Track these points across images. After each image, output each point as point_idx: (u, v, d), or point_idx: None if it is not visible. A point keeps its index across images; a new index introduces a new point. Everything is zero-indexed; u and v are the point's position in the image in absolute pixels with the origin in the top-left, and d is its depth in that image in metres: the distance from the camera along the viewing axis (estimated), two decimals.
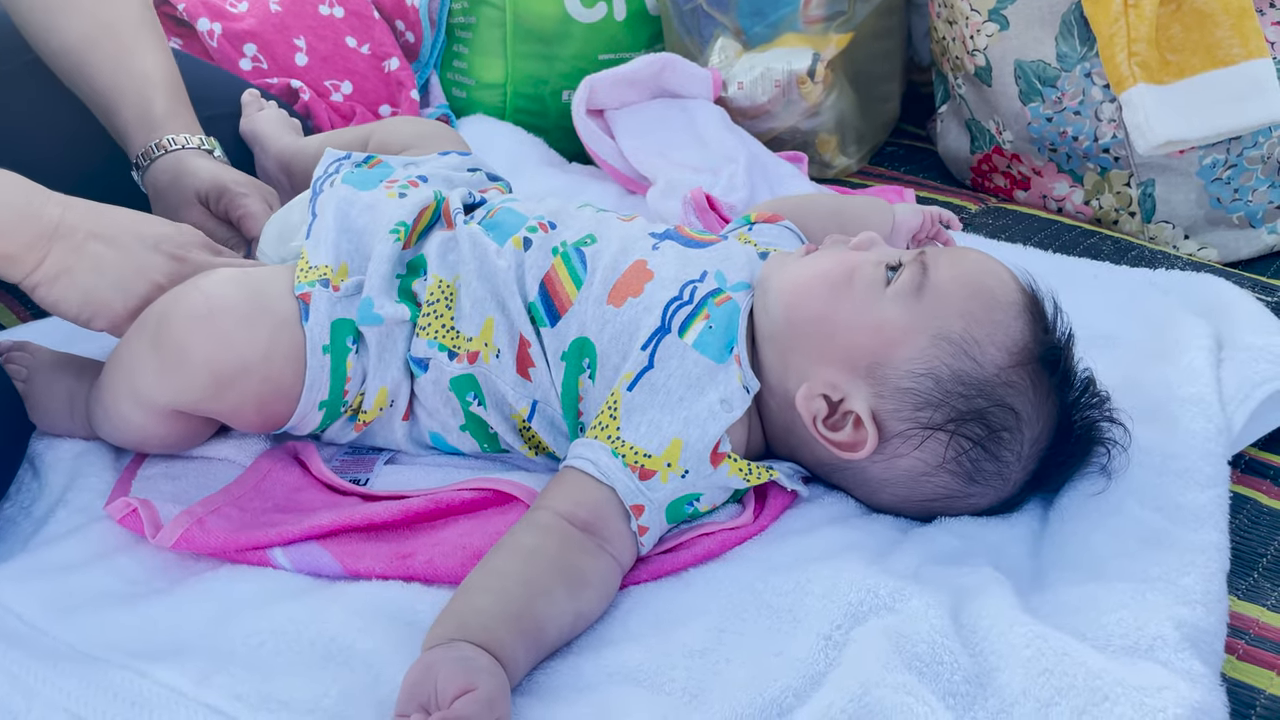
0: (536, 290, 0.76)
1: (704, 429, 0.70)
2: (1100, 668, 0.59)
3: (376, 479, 0.78)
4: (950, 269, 0.73)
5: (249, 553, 0.70)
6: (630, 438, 0.70)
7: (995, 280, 0.73)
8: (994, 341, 0.70)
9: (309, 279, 0.75)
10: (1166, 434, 0.77)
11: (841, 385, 0.71)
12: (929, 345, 0.70)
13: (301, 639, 0.63)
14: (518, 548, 0.66)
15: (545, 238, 0.78)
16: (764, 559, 0.70)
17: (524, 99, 1.31)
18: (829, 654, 0.62)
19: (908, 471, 0.72)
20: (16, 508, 0.76)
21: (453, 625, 0.61)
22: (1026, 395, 0.70)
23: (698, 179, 1.12)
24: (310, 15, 1.25)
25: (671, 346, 0.72)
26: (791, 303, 0.73)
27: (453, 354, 0.76)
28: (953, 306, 0.71)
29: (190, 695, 0.59)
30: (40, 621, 0.65)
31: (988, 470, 0.71)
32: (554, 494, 0.69)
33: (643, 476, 0.69)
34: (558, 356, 0.75)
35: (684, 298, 0.74)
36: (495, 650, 0.60)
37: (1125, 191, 1.18)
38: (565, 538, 0.66)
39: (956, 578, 0.68)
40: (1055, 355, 0.72)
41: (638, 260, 0.76)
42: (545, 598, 0.63)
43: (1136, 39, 1.09)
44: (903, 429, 0.71)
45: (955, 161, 1.32)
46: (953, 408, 0.70)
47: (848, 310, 0.72)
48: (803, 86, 1.23)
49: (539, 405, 0.76)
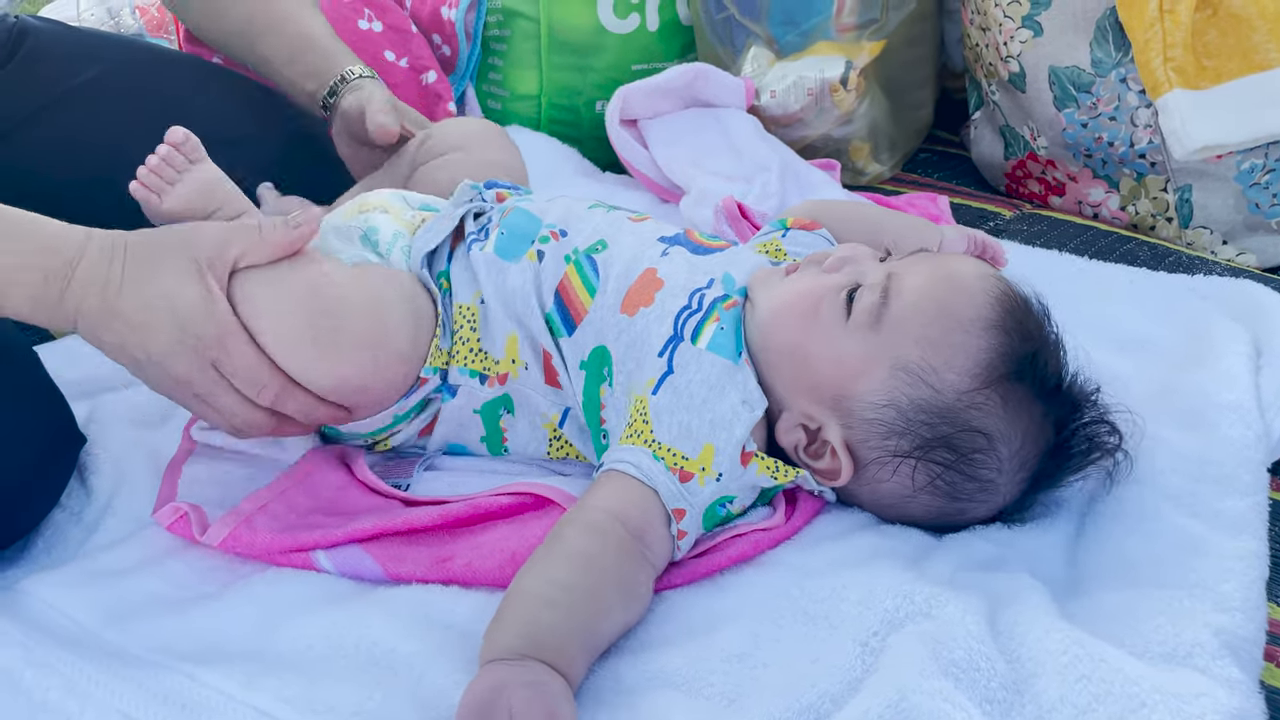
0: (552, 299, 0.77)
1: (731, 431, 0.71)
2: (1138, 674, 0.59)
3: (417, 484, 0.79)
4: (914, 291, 0.72)
5: (292, 555, 0.72)
6: (665, 439, 0.71)
7: (960, 298, 0.71)
8: (952, 366, 0.70)
9: (434, 364, 0.76)
10: (1205, 440, 0.77)
11: (816, 415, 0.72)
12: (888, 376, 0.70)
13: (345, 643, 0.64)
14: (577, 555, 0.65)
15: (557, 246, 0.79)
16: (799, 564, 0.71)
17: (558, 110, 1.32)
18: (866, 660, 0.62)
19: (891, 494, 0.73)
20: (67, 514, 0.77)
21: (522, 638, 0.60)
22: (996, 414, 0.70)
23: (730, 187, 1.13)
24: (350, 30, 1.27)
25: (687, 353, 0.73)
26: (767, 331, 0.74)
27: (484, 378, 0.77)
28: (909, 334, 0.70)
29: (239, 698, 0.61)
30: (94, 626, 0.67)
31: (969, 489, 0.71)
32: (602, 494, 0.69)
33: (682, 479, 0.70)
34: (577, 365, 0.76)
35: (693, 306, 0.75)
36: (567, 671, 0.60)
37: (1162, 197, 1.17)
38: (620, 545, 0.66)
39: (992, 584, 0.68)
40: (1026, 370, 0.71)
41: (648, 269, 0.77)
42: (607, 613, 0.64)
43: (1172, 44, 1.09)
44: (875, 457, 0.71)
45: (989, 168, 1.31)
46: (918, 435, 0.70)
47: (812, 343, 0.72)
48: (835, 94, 1.24)
49: (570, 411, 0.78)
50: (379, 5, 1.31)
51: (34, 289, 0.68)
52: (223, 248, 0.71)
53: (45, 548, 0.75)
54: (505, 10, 1.30)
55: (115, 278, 0.69)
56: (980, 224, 1.19)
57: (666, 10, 1.31)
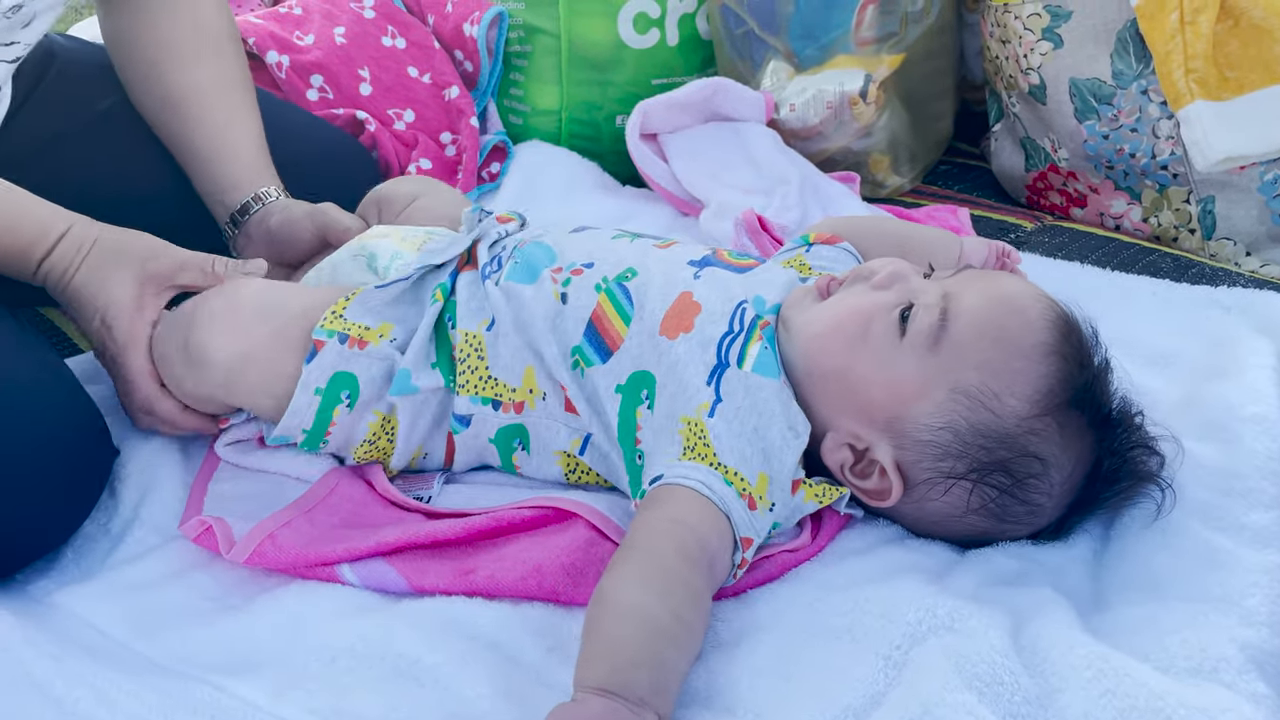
0: (582, 332, 0.76)
1: (782, 461, 0.71)
2: (1163, 689, 0.59)
3: (438, 497, 0.80)
4: (972, 312, 0.71)
5: (318, 569, 0.72)
6: (731, 463, 0.70)
7: (1019, 321, 0.71)
8: (1013, 392, 0.69)
9: (330, 327, 0.78)
10: (1229, 454, 0.77)
11: (865, 436, 0.72)
12: (945, 400, 0.70)
13: (371, 654, 0.65)
14: (688, 589, 0.64)
15: (583, 279, 0.78)
16: (822, 579, 0.71)
17: (578, 124, 1.33)
18: (889, 674, 0.62)
19: (938, 514, 0.72)
20: (95, 525, 0.78)
21: (646, 683, 0.59)
22: (1053, 440, 0.70)
23: (750, 200, 1.13)
24: (374, 46, 1.28)
25: (734, 379, 0.73)
26: (810, 354, 0.73)
27: (497, 404, 0.77)
28: (969, 358, 0.70)
29: (266, 709, 0.61)
30: (122, 637, 0.68)
31: (1018, 512, 0.71)
32: (687, 514, 0.67)
33: (750, 506, 0.69)
34: (611, 390, 0.75)
35: (734, 329, 0.75)
36: (667, 714, 0.60)
37: (1184, 208, 1.17)
38: (706, 579, 0.66)
39: (1016, 598, 0.68)
40: (1083, 398, 0.70)
41: (683, 293, 0.76)
42: (690, 659, 0.64)
43: (1193, 55, 1.08)
44: (926, 478, 0.71)
45: (1010, 180, 1.31)
46: (974, 459, 0.70)
47: (864, 365, 0.71)
48: (855, 107, 1.24)
49: (592, 438, 0.77)
50: (402, 22, 1.32)
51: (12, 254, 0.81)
52: (174, 272, 0.82)
53: (74, 558, 0.76)
54: (526, 26, 1.32)
55: (75, 264, 0.81)
56: (1001, 236, 1.18)
57: (686, 25, 1.32)
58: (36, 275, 0.82)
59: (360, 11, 1.31)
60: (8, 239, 0.81)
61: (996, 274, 0.78)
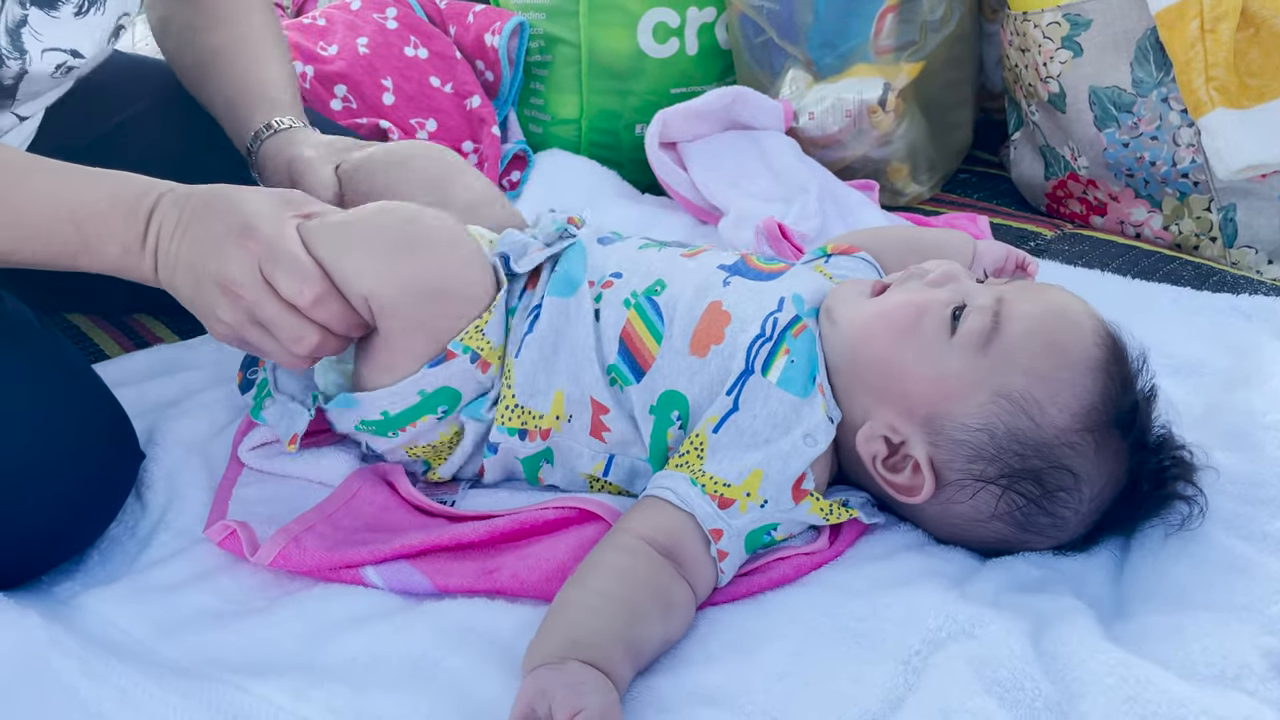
0: (616, 349, 0.76)
1: (786, 463, 0.71)
2: (1185, 696, 0.59)
3: (462, 501, 0.81)
4: (1026, 319, 0.71)
5: (342, 571, 0.73)
6: (711, 470, 0.71)
7: (1072, 333, 0.71)
8: (1056, 402, 0.69)
9: (469, 343, 0.75)
10: (1252, 461, 0.76)
11: (901, 429, 0.72)
12: (988, 401, 0.69)
13: (392, 656, 0.65)
14: (610, 568, 0.67)
15: (613, 292, 0.78)
16: (842, 584, 0.71)
17: (598, 133, 1.34)
18: (908, 679, 0.62)
19: (962, 517, 0.72)
20: (122, 528, 0.79)
21: (561, 642, 0.62)
22: (1087, 457, 0.69)
23: (769, 209, 1.14)
24: (396, 56, 1.30)
25: (756, 388, 0.73)
26: (857, 343, 0.73)
27: (524, 434, 0.77)
28: (1018, 362, 0.69)
29: (288, 709, 0.62)
30: (147, 639, 0.69)
31: (1042, 523, 0.71)
32: (634, 519, 0.70)
33: (722, 505, 0.70)
34: (645, 410, 0.75)
35: (765, 334, 0.74)
36: (606, 667, 0.61)
37: (1205, 216, 1.16)
38: (651, 561, 0.67)
39: (1037, 605, 0.67)
40: (1125, 419, 0.70)
41: (712, 303, 0.76)
42: (644, 619, 0.65)
43: (1214, 63, 1.08)
44: (957, 478, 0.71)
45: (1029, 188, 1.31)
46: (1007, 464, 0.69)
47: (911, 357, 0.71)
48: (874, 116, 1.24)
49: (615, 458, 0.78)
50: (424, 32, 1.33)
51: (120, 228, 0.73)
52: (308, 200, 0.75)
53: (100, 560, 0.76)
54: (547, 37, 1.33)
55: (193, 193, 0.73)
56: (1021, 244, 1.18)
57: (705, 35, 1.33)
58: (148, 233, 0.73)
59: (383, 22, 1.33)
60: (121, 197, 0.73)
61: (1051, 287, 0.78)
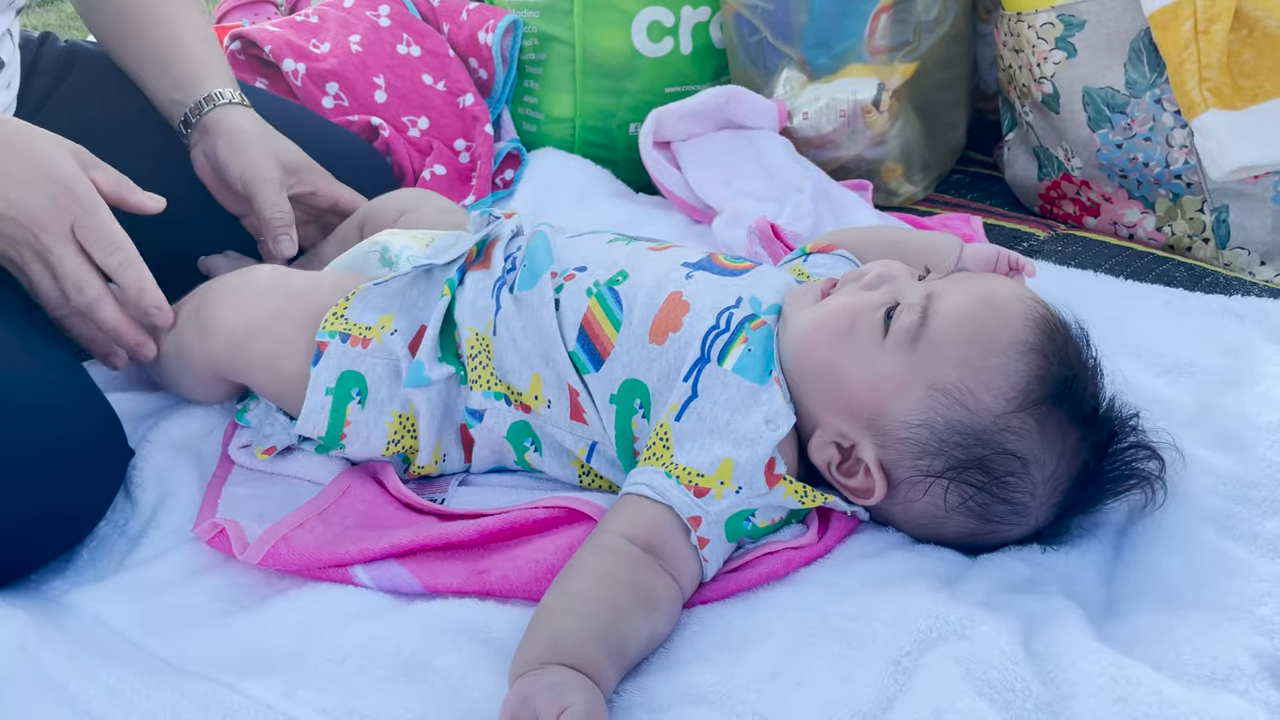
0: (576, 336, 0.77)
1: (753, 449, 0.71)
2: (1176, 696, 0.59)
3: (452, 499, 0.80)
4: (952, 311, 0.71)
5: (331, 570, 0.72)
6: (683, 461, 0.71)
7: (999, 319, 0.71)
8: (989, 389, 0.69)
9: (332, 328, 0.79)
10: (1243, 462, 0.76)
11: (849, 433, 0.72)
12: (923, 396, 0.70)
13: (382, 655, 0.65)
14: (591, 571, 0.67)
15: (575, 283, 0.79)
16: (832, 583, 0.70)
17: (592, 132, 1.34)
18: (899, 680, 0.62)
19: (924, 514, 0.72)
20: (112, 527, 0.79)
21: (542, 648, 0.62)
22: (1031, 437, 0.69)
23: (763, 208, 1.14)
24: (389, 54, 1.29)
25: (713, 375, 0.74)
26: (801, 351, 0.74)
27: (509, 400, 0.79)
28: (947, 355, 0.70)
29: (278, 708, 0.62)
30: (137, 637, 0.69)
31: (1000, 511, 0.71)
32: (613, 518, 0.70)
33: (697, 494, 0.70)
34: (606, 400, 0.76)
35: (720, 325, 0.75)
36: (588, 669, 0.61)
37: (1198, 218, 1.17)
38: (631, 559, 0.67)
39: (1028, 605, 0.67)
40: (1061, 393, 0.70)
41: (672, 293, 0.77)
42: (626, 618, 0.65)
43: (1208, 65, 1.08)
44: (908, 476, 0.71)
45: (1023, 189, 1.31)
46: (951, 456, 0.70)
47: (847, 361, 0.72)
48: (868, 116, 1.24)
49: (597, 446, 0.78)
50: (417, 30, 1.33)
51: None
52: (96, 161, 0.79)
53: (90, 559, 0.76)
54: (541, 35, 1.32)
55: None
56: (1014, 244, 1.18)
57: (700, 34, 1.33)
58: None
59: (376, 20, 1.32)
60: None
61: (985, 275, 0.79)
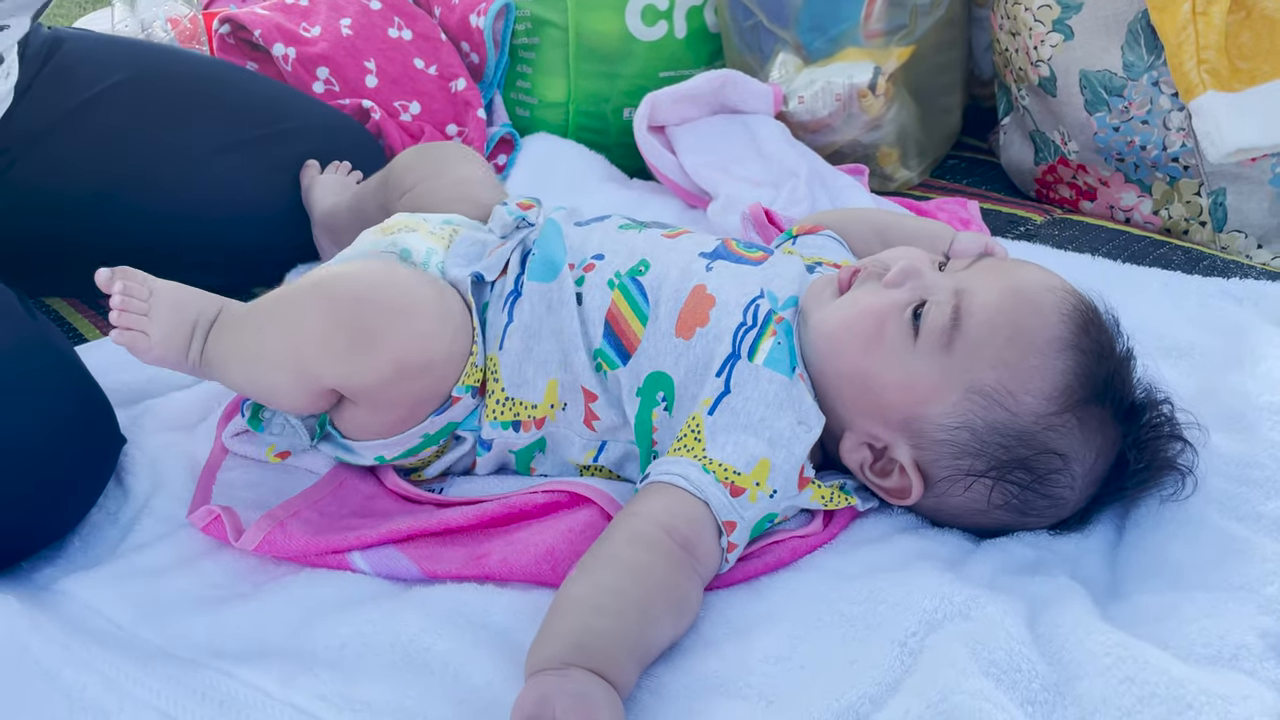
0: (601, 332, 0.75)
1: (790, 450, 0.70)
2: (1183, 676, 0.58)
3: (450, 488, 0.79)
4: (986, 309, 0.69)
5: (328, 556, 0.72)
6: (717, 456, 0.69)
7: (1034, 316, 0.69)
8: (1029, 390, 0.68)
9: (468, 383, 0.74)
10: (1246, 443, 0.76)
11: (882, 435, 0.71)
12: (961, 399, 0.69)
13: (381, 641, 0.64)
14: (626, 564, 0.64)
15: (596, 274, 0.77)
16: (837, 568, 0.70)
17: (586, 117, 1.33)
18: (905, 661, 0.62)
19: (958, 508, 0.72)
20: (104, 514, 0.78)
21: (566, 647, 0.59)
22: (1073, 435, 0.69)
23: (758, 193, 1.13)
24: (380, 38, 1.28)
25: (745, 371, 0.72)
26: (827, 354, 0.72)
27: (517, 426, 0.76)
28: (984, 356, 0.68)
29: (276, 696, 0.61)
30: (131, 625, 0.68)
31: (1040, 505, 0.70)
32: (650, 505, 0.67)
33: (734, 493, 0.68)
34: (632, 393, 0.74)
35: (748, 321, 0.74)
36: (614, 677, 0.59)
37: (1195, 201, 1.16)
38: (670, 557, 0.65)
39: (1032, 587, 0.67)
40: (1104, 391, 0.69)
41: (697, 285, 0.75)
42: (655, 623, 0.63)
43: (1206, 46, 1.08)
44: (946, 475, 0.70)
45: (1019, 173, 1.31)
46: (993, 457, 0.69)
47: (879, 367, 0.70)
48: (864, 100, 1.24)
49: (607, 444, 0.77)
50: (408, 13, 1.32)
51: None
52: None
53: (82, 547, 0.75)
54: (534, 18, 1.31)
55: None
56: (1011, 229, 1.18)
57: (694, 18, 1.32)
58: None
59: (367, 3, 1.31)
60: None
61: (1012, 264, 0.76)
